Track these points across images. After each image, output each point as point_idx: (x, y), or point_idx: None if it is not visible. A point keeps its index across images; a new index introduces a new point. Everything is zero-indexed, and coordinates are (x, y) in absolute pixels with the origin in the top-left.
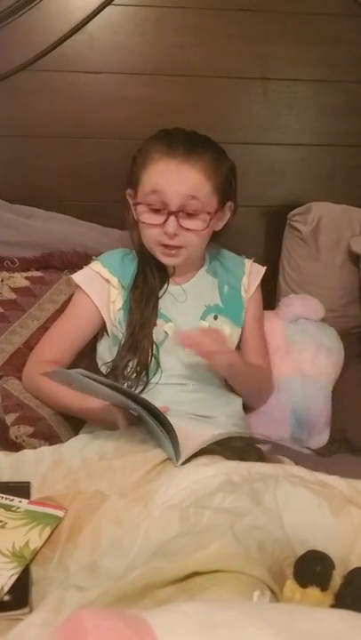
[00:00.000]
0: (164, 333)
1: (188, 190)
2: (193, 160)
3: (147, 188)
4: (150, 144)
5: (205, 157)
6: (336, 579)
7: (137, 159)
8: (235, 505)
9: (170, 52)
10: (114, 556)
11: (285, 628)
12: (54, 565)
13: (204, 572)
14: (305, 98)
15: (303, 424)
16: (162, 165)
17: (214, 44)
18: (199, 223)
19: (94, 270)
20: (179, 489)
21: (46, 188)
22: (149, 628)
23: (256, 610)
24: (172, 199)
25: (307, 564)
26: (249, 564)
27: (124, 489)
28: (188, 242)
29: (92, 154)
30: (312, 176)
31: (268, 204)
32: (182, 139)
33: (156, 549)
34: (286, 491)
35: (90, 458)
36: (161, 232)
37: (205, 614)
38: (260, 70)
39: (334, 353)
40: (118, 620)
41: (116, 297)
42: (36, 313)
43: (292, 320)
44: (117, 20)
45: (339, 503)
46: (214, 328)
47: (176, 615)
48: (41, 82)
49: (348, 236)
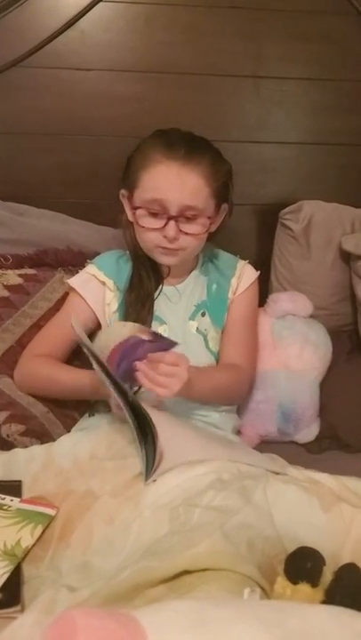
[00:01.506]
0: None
1: (188, 196)
2: (194, 164)
3: (147, 192)
4: (149, 144)
5: (205, 161)
6: (327, 575)
7: (135, 159)
8: (225, 503)
9: (161, 49)
10: (105, 555)
11: (275, 624)
12: (46, 564)
13: (194, 571)
14: (296, 96)
15: (290, 418)
16: (163, 168)
17: (206, 41)
18: (198, 227)
19: (90, 273)
20: (169, 487)
21: (38, 185)
22: (140, 626)
23: (246, 607)
24: (173, 204)
25: (297, 561)
26: (238, 561)
27: (115, 489)
28: (187, 245)
29: (84, 151)
30: (303, 174)
31: (260, 202)
32: (182, 140)
33: (146, 548)
34: (277, 488)
35: (81, 457)
36: (160, 235)
37: (196, 612)
38: (251, 68)
39: (321, 347)
40: (109, 619)
41: (111, 299)
42: (29, 311)
43: (280, 316)
44: (109, 16)
45: (329, 500)
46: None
47: (166, 613)
48: (32, 78)
49: (339, 235)
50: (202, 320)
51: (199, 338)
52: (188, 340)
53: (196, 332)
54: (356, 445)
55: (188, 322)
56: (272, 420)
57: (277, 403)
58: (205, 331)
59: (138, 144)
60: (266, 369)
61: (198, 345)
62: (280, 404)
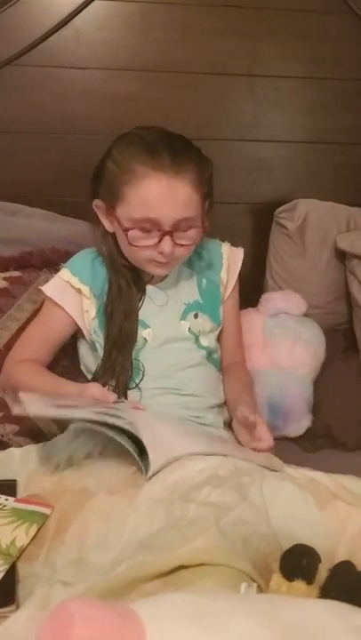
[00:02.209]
0: (142, 340)
1: (181, 209)
2: (182, 172)
3: (137, 210)
4: (126, 153)
5: (191, 165)
6: (322, 572)
7: (111, 170)
8: (221, 499)
9: (156, 47)
10: (100, 550)
11: (272, 617)
12: (41, 562)
13: (189, 566)
14: (292, 95)
15: (278, 412)
16: (152, 182)
17: (201, 40)
18: (192, 237)
19: (64, 279)
20: (165, 483)
21: (31, 184)
22: (138, 617)
23: (243, 600)
24: (167, 220)
25: (293, 558)
26: (234, 558)
27: (111, 486)
28: (181, 254)
29: (78, 150)
30: (299, 173)
31: (255, 200)
32: (163, 144)
33: (141, 542)
34: (273, 485)
35: (76, 455)
36: (153, 251)
37: (193, 604)
38: (246, 67)
39: (313, 344)
40: (106, 610)
41: (88, 306)
42: (15, 314)
43: (273, 315)
44: (104, 15)
45: (325, 497)
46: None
47: (164, 605)
48: (26, 77)
49: (334, 233)
50: (194, 321)
51: (190, 337)
52: (179, 341)
53: (188, 332)
54: (352, 444)
55: (180, 322)
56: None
57: (265, 397)
58: (199, 331)
59: (108, 151)
60: (256, 369)
61: (189, 344)
62: (268, 398)
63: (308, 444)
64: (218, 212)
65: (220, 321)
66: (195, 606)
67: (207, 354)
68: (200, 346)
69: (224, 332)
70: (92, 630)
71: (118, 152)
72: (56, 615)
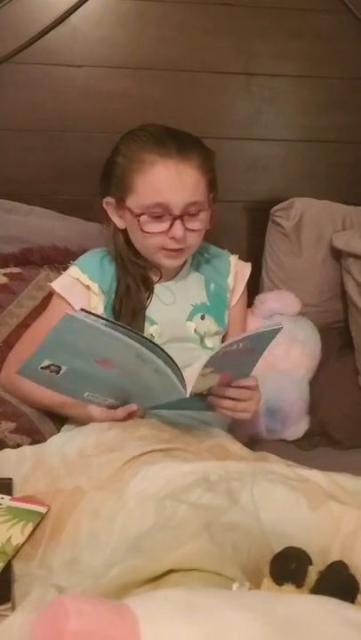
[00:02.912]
0: (149, 336)
1: (190, 193)
2: (188, 158)
3: (147, 196)
4: (134, 145)
5: (197, 152)
6: (312, 575)
7: (120, 164)
8: (212, 502)
9: (152, 45)
10: (92, 549)
11: (263, 612)
12: (37, 563)
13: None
14: (287, 93)
15: (276, 415)
16: (160, 169)
17: (197, 38)
18: (201, 222)
19: (73, 277)
20: (154, 479)
21: (29, 181)
22: (131, 611)
23: (235, 596)
24: (176, 204)
25: (282, 562)
26: (224, 564)
27: (100, 482)
28: (192, 242)
29: (75, 147)
30: (295, 172)
31: (251, 199)
32: (169, 135)
33: (132, 542)
34: (264, 488)
35: (70, 455)
36: (165, 238)
37: (185, 599)
38: (242, 65)
39: (310, 345)
40: (100, 604)
41: (97, 303)
42: (15, 310)
43: (268, 316)
44: (100, 12)
45: (317, 498)
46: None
47: (157, 600)
48: (23, 75)
49: (330, 232)
50: (201, 323)
51: (196, 338)
52: (185, 340)
53: (193, 332)
54: (347, 442)
55: (186, 323)
56: (258, 418)
57: (264, 400)
58: (204, 332)
59: (116, 148)
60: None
61: (194, 344)
62: (266, 402)
63: (303, 443)
64: (214, 210)
65: (225, 325)
66: (187, 600)
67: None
68: (205, 347)
69: (229, 338)
70: (85, 623)
71: (126, 146)
72: (50, 609)
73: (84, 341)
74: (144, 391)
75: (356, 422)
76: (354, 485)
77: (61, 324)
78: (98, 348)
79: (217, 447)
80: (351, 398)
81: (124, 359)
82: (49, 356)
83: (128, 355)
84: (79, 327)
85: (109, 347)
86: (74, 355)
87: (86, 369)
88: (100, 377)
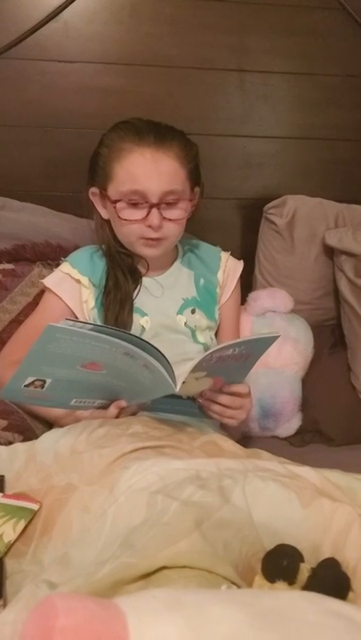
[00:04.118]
0: (140, 327)
1: (167, 181)
2: (166, 147)
3: (124, 183)
4: (116, 136)
5: (176, 143)
6: (303, 572)
7: (102, 154)
8: (204, 500)
9: (146, 41)
10: (83, 545)
11: (250, 604)
12: (29, 559)
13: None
14: (280, 90)
15: (269, 413)
16: (136, 157)
17: (191, 34)
18: (180, 212)
19: (64, 272)
20: (145, 474)
21: (20, 178)
22: (119, 608)
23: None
24: (153, 192)
25: (274, 560)
26: (216, 562)
27: (91, 477)
28: (170, 232)
29: (67, 144)
30: (288, 169)
31: (245, 196)
32: (149, 126)
33: (124, 538)
34: (256, 486)
35: (62, 452)
36: (142, 226)
37: (173, 596)
38: (236, 62)
39: (302, 342)
40: (89, 601)
41: (87, 296)
42: (7, 306)
43: (260, 314)
44: (93, 8)
45: (309, 495)
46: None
47: (145, 598)
48: (15, 70)
49: (322, 229)
50: (191, 316)
51: (187, 331)
52: (176, 333)
53: (184, 325)
54: (339, 439)
55: (177, 316)
56: (251, 415)
57: (256, 398)
58: (195, 326)
59: (100, 140)
60: None
61: (186, 338)
62: (259, 400)
63: (296, 440)
64: (207, 207)
65: (215, 320)
66: (175, 598)
67: (204, 350)
68: (197, 341)
69: (221, 335)
70: (75, 620)
71: (108, 137)
72: (40, 607)
73: (69, 349)
74: (134, 387)
75: (348, 419)
76: (346, 482)
77: (44, 336)
78: (85, 353)
79: (209, 444)
80: (343, 396)
81: (113, 358)
82: (32, 372)
83: (116, 354)
84: (63, 337)
85: (97, 350)
86: (58, 365)
87: (72, 376)
88: (88, 380)
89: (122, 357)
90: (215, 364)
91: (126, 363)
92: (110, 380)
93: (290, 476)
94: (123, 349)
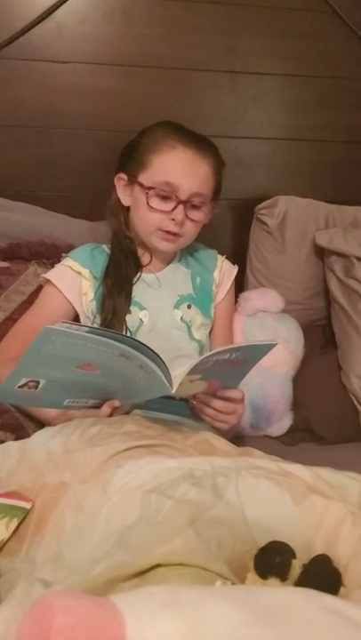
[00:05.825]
0: (138, 320)
1: (199, 183)
2: (204, 154)
3: (160, 174)
4: (160, 130)
5: (212, 153)
6: (296, 568)
7: (143, 143)
8: (197, 498)
9: (138, 42)
10: (76, 543)
11: (245, 601)
12: (22, 557)
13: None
14: (272, 92)
15: (261, 412)
16: (178, 153)
17: (183, 35)
18: (201, 215)
19: (65, 265)
20: (139, 472)
21: (13, 177)
22: (116, 606)
23: (217, 589)
24: (184, 189)
25: (266, 556)
26: (210, 559)
27: (84, 476)
28: (188, 231)
29: (60, 144)
30: (279, 170)
31: (236, 197)
32: (190, 131)
33: (118, 537)
34: (248, 483)
35: (55, 451)
36: (165, 218)
37: (169, 593)
38: (228, 63)
39: (293, 342)
40: (85, 599)
41: (87, 288)
42: (2, 304)
43: (251, 314)
44: (85, 8)
45: (301, 492)
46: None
47: (141, 595)
48: (7, 70)
49: (313, 230)
50: (187, 311)
51: (183, 326)
52: (172, 328)
53: (180, 320)
54: (330, 438)
55: (173, 310)
56: (243, 415)
57: (248, 398)
58: (190, 321)
59: (142, 131)
60: None
61: (182, 333)
62: (251, 399)
63: (287, 438)
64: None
65: (210, 317)
66: (171, 595)
67: (199, 347)
68: (192, 337)
69: (215, 334)
70: (72, 619)
71: (151, 131)
72: (37, 606)
73: (64, 351)
74: (128, 387)
75: (339, 418)
76: (337, 479)
77: (40, 338)
78: (80, 355)
79: (202, 443)
80: (334, 395)
81: (108, 359)
82: (27, 373)
83: (112, 355)
84: (59, 338)
85: (92, 351)
86: (53, 366)
87: (66, 377)
88: (82, 381)
89: (117, 359)
90: (211, 368)
91: (122, 364)
92: (105, 381)
93: (282, 473)
94: (118, 351)
